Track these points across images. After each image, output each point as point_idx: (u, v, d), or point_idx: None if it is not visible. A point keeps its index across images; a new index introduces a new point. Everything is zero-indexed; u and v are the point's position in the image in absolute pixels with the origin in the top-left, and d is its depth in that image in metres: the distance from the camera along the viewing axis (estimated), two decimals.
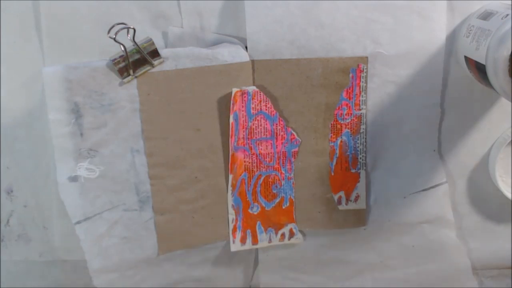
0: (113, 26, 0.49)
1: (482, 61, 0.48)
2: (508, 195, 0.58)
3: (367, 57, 0.55)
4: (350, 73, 0.55)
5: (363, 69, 0.55)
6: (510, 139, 0.57)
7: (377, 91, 0.56)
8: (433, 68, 0.55)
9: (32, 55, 0.55)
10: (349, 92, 0.56)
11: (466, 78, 0.55)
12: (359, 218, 0.59)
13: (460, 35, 0.54)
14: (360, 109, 0.56)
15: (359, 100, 0.56)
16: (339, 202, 0.59)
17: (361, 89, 0.56)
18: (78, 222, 0.54)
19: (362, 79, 0.55)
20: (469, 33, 0.52)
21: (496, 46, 0.46)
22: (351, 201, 0.59)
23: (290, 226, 0.59)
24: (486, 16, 0.50)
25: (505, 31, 0.45)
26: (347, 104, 0.56)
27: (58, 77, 0.51)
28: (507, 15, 0.47)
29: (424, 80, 0.55)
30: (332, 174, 0.58)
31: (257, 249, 0.61)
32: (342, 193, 0.59)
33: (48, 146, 0.57)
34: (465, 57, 0.52)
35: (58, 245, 0.61)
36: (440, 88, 0.56)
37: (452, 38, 0.55)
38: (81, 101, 0.52)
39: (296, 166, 0.58)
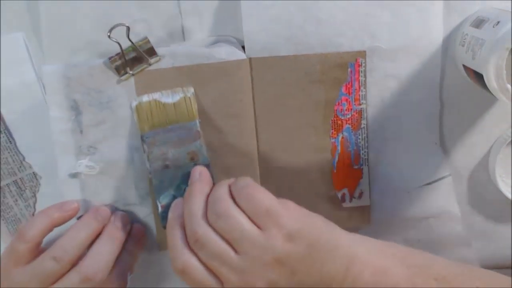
0: (113, 27, 0.50)
1: (480, 71, 0.47)
2: (508, 195, 0.57)
3: (365, 51, 0.54)
4: (348, 68, 0.55)
5: (361, 64, 0.55)
6: (510, 139, 0.56)
7: (377, 85, 0.55)
8: (431, 61, 0.54)
9: (32, 55, 0.56)
10: (348, 87, 0.55)
11: (465, 77, 0.54)
12: (364, 215, 0.59)
13: (455, 44, 0.54)
14: (360, 104, 0.56)
15: (359, 95, 0.56)
16: (343, 199, 0.58)
17: (360, 84, 0.55)
18: (79, 218, 0.55)
19: (361, 74, 0.55)
20: (463, 41, 0.51)
21: (490, 56, 0.45)
22: (355, 198, 0.58)
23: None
24: (478, 23, 0.50)
25: (498, 39, 0.45)
26: (346, 100, 0.56)
27: (57, 74, 0.52)
28: (498, 22, 0.47)
29: (423, 73, 0.55)
30: (335, 171, 0.58)
31: None
32: (345, 190, 0.58)
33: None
34: (463, 65, 0.52)
35: None
36: (438, 81, 0.55)
37: (449, 32, 0.54)
38: (80, 99, 0.53)
39: (297, 164, 0.57)
